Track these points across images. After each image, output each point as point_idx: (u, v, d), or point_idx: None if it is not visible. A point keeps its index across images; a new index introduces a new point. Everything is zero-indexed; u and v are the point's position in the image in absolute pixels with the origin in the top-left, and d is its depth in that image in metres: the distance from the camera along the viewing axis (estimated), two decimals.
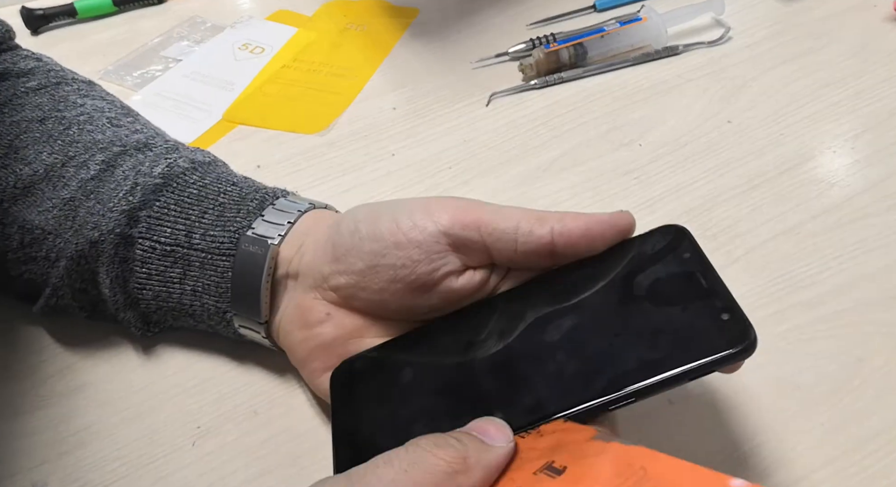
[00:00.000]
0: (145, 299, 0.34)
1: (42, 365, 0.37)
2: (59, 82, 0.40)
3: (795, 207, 0.41)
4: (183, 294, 0.34)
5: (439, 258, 0.29)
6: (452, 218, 0.29)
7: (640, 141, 0.46)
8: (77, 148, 0.36)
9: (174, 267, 0.33)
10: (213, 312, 0.33)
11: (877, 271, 0.37)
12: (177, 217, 0.33)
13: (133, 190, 0.34)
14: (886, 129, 0.45)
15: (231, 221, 0.33)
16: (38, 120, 0.37)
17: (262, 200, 0.34)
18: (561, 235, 0.28)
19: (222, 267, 0.32)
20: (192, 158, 0.36)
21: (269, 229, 0.33)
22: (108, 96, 0.41)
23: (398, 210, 0.30)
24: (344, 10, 0.61)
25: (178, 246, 0.33)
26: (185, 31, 0.60)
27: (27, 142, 0.36)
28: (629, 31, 0.52)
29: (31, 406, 0.35)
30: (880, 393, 0.32)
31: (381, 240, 0.29)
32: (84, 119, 0.37)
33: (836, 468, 0.30)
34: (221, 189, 0.34)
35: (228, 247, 0.32)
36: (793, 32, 0.53)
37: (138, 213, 0.33)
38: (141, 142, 0.36)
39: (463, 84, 0.52)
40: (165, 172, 0.34)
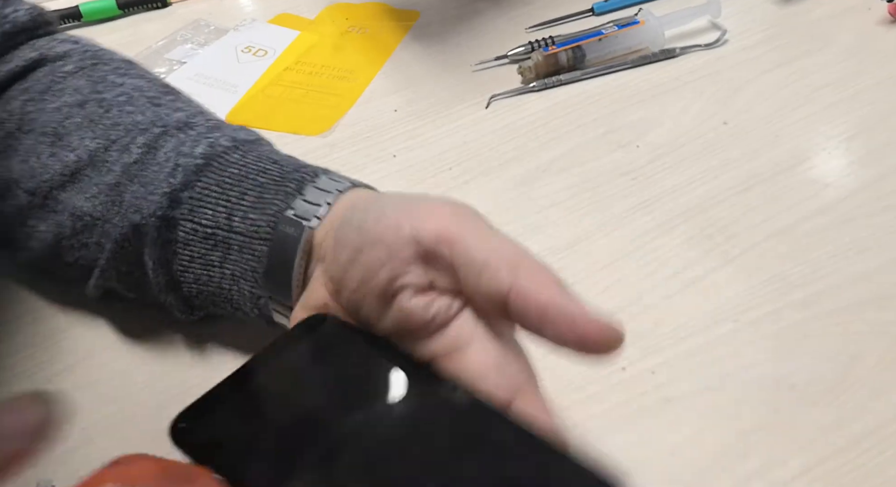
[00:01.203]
0: (187, 282, 0.34)
1: (47, 362, 0.38)
2: (96, 63, 0.39)
3: (790, 208, 0.41)
4: (223, 278, 0.33)
5: (402, 265, 0.26)
6: (431, 226, 0.26)
7: (637, 142, 0.46)
8: (118, 131, 0.35)
9: (215, 250, 0.32)
10: (248, 297, 0.33)
11: (870, 271, 0.38)
12: (217, 198, 0.32)
13: (174, 171, 0.33)
14: (880, 131, 0.45)
15: (270, 203, 0.32)
16: (79, 104, 0.36)
17: (302, 180, 0.32)
18: (518, 294, 0.24)
19: (259, 251, 0.31)
20: (234, 136, 0.35)
21: (308, 210, 0.31)
22: (147, 74, 0.40)
23: (387, 204, 0.28)
24: (346, 13, 0.62)
25: (219, 229, 0.32)
26: (189, 34, 0.60)
27: (70, 128, 0.36)
28: (627, 35, 0.52)
29: None
30: (874, 392, 0.33)
31: (364, 233, 0.27)
32: (123, 100, 0.37)
33: (830, 466, 0.31)
34: (262, 167, 0.33)
35: (266, 231, 0.31)
36: (788, 35, 0.53)
37: (180, 195, 0.33)
38: (182, 121, 0.36)
39: (463, 86, 0.52)
40: (207, 152, 0.33)
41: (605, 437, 0.32)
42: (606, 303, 0.38)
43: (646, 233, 0.41)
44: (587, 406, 0.33)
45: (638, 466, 0.31)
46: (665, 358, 0.35)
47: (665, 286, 0.38)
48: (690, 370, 0.34)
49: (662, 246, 0.40)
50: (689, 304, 0.37)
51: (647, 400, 0.33)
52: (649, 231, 0.41)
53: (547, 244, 0.41)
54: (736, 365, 0.34)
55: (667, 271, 0.39)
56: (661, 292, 0.38)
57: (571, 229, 0.42)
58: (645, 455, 0.32)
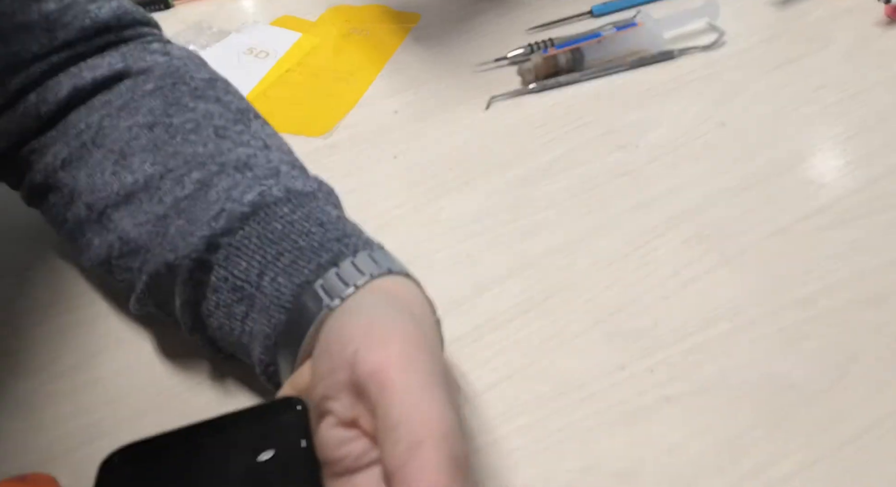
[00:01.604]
0: (212, 327, 0.33)
1: (51, 362, 0.38)
2: (176, 82, 0.38)
3: (788, 208, 0.41)
4: (243, 333, 0.32)
5: (334, 387, 0.25)
6: (372, 358, 0.24)
7: (636, 143, 0.47)
8: (177, 160, 0.35)
9: (240, 303, 0.32)
10: (258, 362, 0.32)
11: (867, 271, 0.38)
12: (254, 252, 0.31)
13: (219, 216, 0.32)
14: (878, 132, 0.46)
15: (300, 271, 0.30)
16: (148, 126, 0.36)
17: (340, 253, 0.30)
18: (400, 480, 0.22)
19: (276, 318, 0.30)
20: (288, 187, 0.33)
21: (335, 287, 0.29)
22: (225, 97, 0.39)
23: (364, 314, 0.26)
24: (347, 15, 0.62)
25: (248, 284, 0.31)
26: (191, 35, 0.61)
27: (135, 149, 0.36)
28: (625, 36, 0.53)
29: (41, 404, 0.36)
30: (871, 391, 0.33)
31: (330, 336, 0.26)
32: (190, 127, 0.36)
33: (828, 464, 0.31)
34: (306, 229, 0.32)
35: (288, 300, 0.30)
36: (786, 37, 0.53)
37: (220, 240, 0.32)
38: (242, 160, 0.35)
39: (463, 88, 0.53)
40: (255, 201, 0.32)
41: (603, 436, 0.32)
42: (606, 303, 0.38)
43: (645, 234, 0.41)
44: (586, 405, 0.33)
45: (636, 465, 0.32)
46: (664, 358, 0.35)
47: (664, 286, 0.38)
48: (689, 369, 0.34)
49: (661, 246, 0.40)
50: (688, 304, 0.37)
51: (645, 399, 0.34)
52: (648, 231, 0.41)
53: (547, 244, 0.41)
54: (734, 365, 0.34)
55: (665, 271, 0.39)
56: (659, 292, 0.38)
57: (571, 229, 0.42)
58: (643, 453, 0.32)
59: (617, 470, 0.31)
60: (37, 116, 0.38)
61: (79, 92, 0.38)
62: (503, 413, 0.34)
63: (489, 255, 0.41)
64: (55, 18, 0.38)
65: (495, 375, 0.35)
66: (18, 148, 0.39)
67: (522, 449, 0.32)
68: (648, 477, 0.31)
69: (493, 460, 0.32)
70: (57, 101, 0.38)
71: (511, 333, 0.37)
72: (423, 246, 0.42)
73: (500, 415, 0.34)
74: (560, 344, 0.36)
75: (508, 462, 0.32)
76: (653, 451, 0.32)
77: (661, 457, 0.31)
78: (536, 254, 0.41)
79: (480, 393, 0.34)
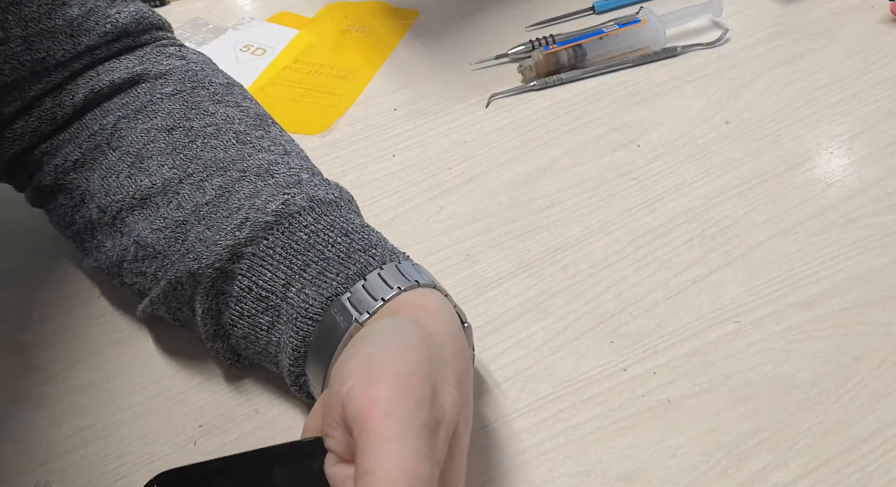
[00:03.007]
0: (235, 336, 0.33)
1: (45, 364, 0.37)
2: (196, 86, 0.38)
3: (793, 208, 0.41)
4: (269, 343, 0.32)
5: (330, 423, 0.25)
6: (361, 396, 0.24)
7: (638, 142, 0.46)
8: (197, 165, 0.35)
9: (265, 313, 0.32)
10: (287, 374, 0.32)
11: (873, 271, 0.37)
12: (279, 263, 0.31)
13: (242, 225, 0.32)
14: (883, 130, 0.45)
15: (329, 283, 0.30)
16: (167, 129, 0.36)
17: (367, 264, 0.31)
18: None
19: (305, 330, 0.30)
20: (312, 195, 0.33)
21: (363, 300, 0.29)
22: (243, 102, 0.39)
23: (369, 345, 0.26)
24: (345, 11, 0.61)
25: (273, 294, 0.31)
26: (187, 32, 0.60)
27: (153, 152, 0.35)
28: (628, 33, 0.52)
29: (34, 405, 0.36)
30: (877, 393, 0.33)
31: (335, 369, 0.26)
32: (210, 132, 0.36)
33: (833, 467, 0.30)
34: (332, 239, 0.32)
35: (317, 311, 0.30)
36: (790, 34, 0.53)
37: (243, 250, 0.32)
38: (263, 166, 0.34)
39: (463, 85, 0.52)
40: (280, 210, 0.32)
41: (606, 438, 0.32)
42: (608, 304, 0.37)
43: (647, 233, 0.41)
44: (589, 408, 0.33)
45: (640, 468, 0.31)
46: (667, 359, 0.35)
47: (666, 286, 0.38)
48: (692, 371, 0.34)
49: (664, 246, 0.40)
50: (691, 305, 0.37)
51: (648, 401, 0.33)
52: (650, 231, 0.41)
53: (547, 244, 0.41)
54: (738, 366, 0.34)
55: (668, 271, 0.38)
56: (662, 293, 0.38)
57: (572, 229, 0.41)
58: (646, 456, 0.31)
59: (620, 473, 0.31)
60: (52, 120, 0.37)
61: (95, 95, 0.37)
62: (504, 415, 0.33)
63: (489, 255, 0.40)
64: (79, 24, 0.37)
65: (496, 377, 0.35)
66: (31, 151, 0.38)
67: (524, 453, 0.32)
68: (652, 480, 0.31)
69: (495, 463, 0.32)
70: (73, 104, 0.37)
71: (512, 334, 0.36)
72: (423, 246, 0.41)
73: (502, 418, 0.33)
74: (561, 345, 0.36)
75: (510, 465, 0.31)
76: (656, 454, 0.31)
77: (664, 460, 0.31)
78: (537, 254, 0.40)
79: (481, 395, 0.34)
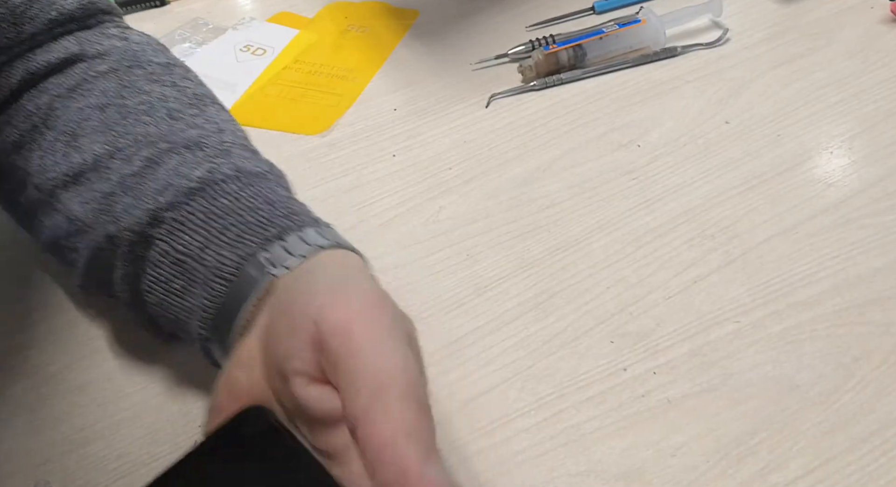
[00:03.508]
0: (150, 303, 0.33)
1: (44, 364, 0.37)
2: (132, 66, 0.38)
3: (793, 208, 0.41)
4: (181, 308, 0.32)
5: (296, 349, 0.25)
6: (336, 314, 0.24)
7: (638, 142, 0.46)
8: (127, 139, 0.34)
9: (180, 277, 0.31)
10: (196, 337, 0.32)
11: (873, 271, 0.37)
12: (199, 226, 0.31)
13: (164, 190, 0.32)
14: (884, 130, 0.45)
15: (246, 243, 0.30)
16: (100, 107, 0.36)
17: (287, 227, 0.30)
18: (362, 428, 0.23)
19: (217, 290, 0.30)
20: (238, 166, 0.33)
21: (281, 257, 0.29)
22: (182, 82, 0.38)
23: (323, 278, 0.26)
24: (345, 11, 0.61)
25: (190, 258, 0.31)
26: (187, 32, 0.60)
27: (87, 130, 0.35)
28: (628, 33, 0.52)
29: (34, 406, 0.36)
30: (877, 393, 0.33)
31: (285, 300, 0.26)
32: (143, 109, 0.35)
33: (832, 467, 0.30)
34: (254, 205, 0.31)
35: (231, 271, 0.30)
36: (790, 34, 0.53)
37: (164, 214, 0.32)
38: (193, 139, 0.34)
39: (463, 85, 0.52)
40: (204, 177, 0.32)
41: (606, 438, 0.32)
42: (607, 304, 0.37)
43: (647, 233, 0.41)
44: (589, 408, 0.33)
45: (639, 468, 0.31)
46: (667, 359, 0.35)
47: (666, 286, 0.38)
48: (692, 371, 0.34)
49: (664, 246, 0.40)
50: (691, 305, 0.37)
51: (648, 401, 0.33)
52: (650, 231, 0.41)
53: (547, 244, 0.41)
54: (738, 367, 0.34)
55: (668, 271, 0.38)
56: (662, 293, 0.37)
57: (572, 229, 0.41)
58: (646, 456, 0.31)
59: (620, 473, 0.31)
60: None
61: (31, 76, 0.37)
62: (504, 415, 0.33)
63: (489, 255, 0.40)
64: (21, 11, 0.37)
65: (496, 377, 0.35)
66: None
67: (524, 453, 0.32)
68: (652, 480, 0.31)
69: (495, 463, 0.32)
70: (10, 86, 0.37)
71: (512, 334, 0.36)
72: (423, 246, 0.41)
73: (502, 418, 0.33)
74: (561, 345, 0.36)
75: (510, 465, 0.31)
76: (656, 454, 0.31)
77: (664, 460, 0.31)
78: (537, 254, 0.40)
79: (481, 395, 0.34)
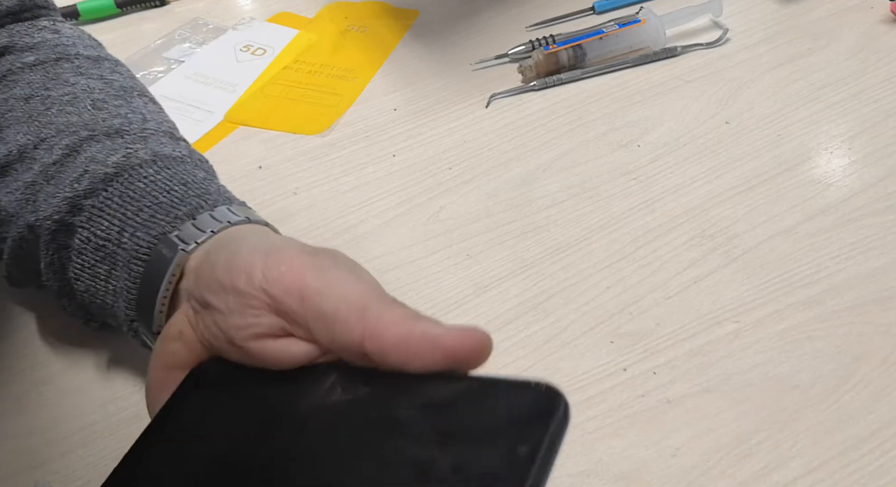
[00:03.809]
0: (79, 291, 0.33)
1: (44, 364, 0.37)
2: (60, 58, 0.38)
3: (793, 208, 0.41)
4: (107, 292, 0.32)
5: (253, 314, 0.25)
6: (280, 277, 0.24)
7: (638, 142, 0.46)
8: (50, 129, 0.35)
9: (103, 262, 0.32)
10: (123, 319, 0.32)
11: (873, 271, 0.37)
12: (115, 211, 0.31)
13: (81, 177, 0.32)
14: (884, 130, 0.45)
15: (158, 223, 0.31)
16: (24, 98, 0.36)
17: (199, 206, 0.31)
18: (371, 339, 0.23)
19: (135, 271, 0.30)
20: (156, 151, 0.33)
21: (192, 235, 0.30)
22: (110, 75, 0.38)
23: (243, 248, 0.26)
24: (345, 11, 0.61)
25: (109, 242, 0.31)
26: (187, 32, 0.60)
27: (10, 121, 0.35)
28: (628, 33, 0.52)
29: (34, 406, 0.36)
30: (877, 393, 0.33)
31: (214, 275, 0.26)
32: (67, 100, 0.36)
33: (833, 467, 0.30)
34: (168, 187, 0.32)
35: (146, 251, 0.30)
36: (790, 34, 0.53)
37: (82, 202, 0.32)
38: (114, 127, 0.34)
39: (463, 85, 0.52)
40: (120, 162, 0.32)
41: (606, 438, 0.32)
42: (607, 304, 0.37)
43: (647, 233, 0.41)
44: (588, 408, 0.33)
45: (639, 468, 0.31)
46: (667, 359, 0.35)
47: (666, 286, 0.38)
48: (692, 371, 0.34)
49: (664, 246, 0.40)
50: (691, 305, 0.37)
51: (648, 401, 0.33)
52: (650, 231, 0.41)
53: (547, 244, 0.41)
54: (738, 366, 0.34)
55: (668, 271, 0.38)
56: (662, 292, 0.37)
57: (572, 229, 0.41)
58: (646, 456, 0.31)
59: (620, 473, 0.31)
60: None
61: None
62: None
63: (489, 255, 0.40)
64: None
65: None
66: None
67: None
68: (652, 480, 0.31)
69: None
70: None
71: (512, 334, 0.36)
72: (423, 246, 0.41)
73: None
74: (561, 345, 0.36)
75: None
76: (656, 454, 0.31)
77: (664, 460, 0.31)
78: (537, 254, 0.40)
79: None
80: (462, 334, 0.22)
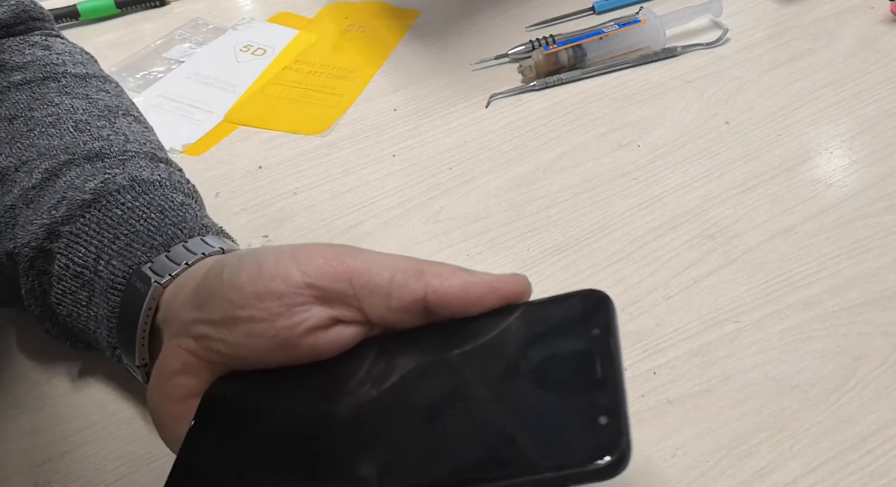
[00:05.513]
0: (61, 315, 0.33)
1: (44, 364, 0.37)
2: (47, 77, 0.38)
3: (793, 208, 0.41)
4: (88, 318, 0.32)
5: (302, 311, 0.26)
6: (320, 268, 0.26)
7: (638, 142, 0.46)
8: (31, 152, 0.35)
9: (83, 289, 0.32)
10: (106, 346, 0.32)
11: (874, 271, 0.37)
12: (92, 238, 0.32)
13: (59, 203, 0.32)
14: (884, 130, 0.45)
15: (133, 253, 0.31)
16: (9, 119, 0.36)
17: (174, 236, 0.31)
18: (435, 293, 0.25)
19: (113, 301, 0.31)
20: (134, 176, 0.34)
21: (165, 267, 0.30)
22: (96, 94, 0.39)
23: (265, 256, 0.27)
24: (345, 11, 0.61)
25: (87, 270, 0.32)
26: (187, 32, 0.60)
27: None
28: (628, 33, 0.52)
29: (34, 406, 0.36)
30: (877, 393, 0.33)
31: (240, 290, 0.26)
32: (50, 121, 0.36)
33: (833, 467, 0.30)
34: (145, 214, 0.32)
35: (121, 281, 0.31)
36: (790, 34, 0.53)
37: (60, 228, 0.32)
38: (94, 151, 0.35)
39: (463, 85, 0.52)
40: (98, 188, 0.33)
41: None
42: None
43: (647, 233, 0.41)
44: None
45: (639, 468, 0.31)
46: (667, 359, 0.35)
47: (666, 286, 0.38)
48: (692, 371, 0.34)
49: (664, 246, 0.40)
50: (691, 305, 0.37)
51: (648, 401, 0.33)
52: (650, 231, 0.41)
53: (547, 244, 0.41)
54: (738, 366, 0.34)
55: (668, 271, 0.38)
56: (662, 292, 0.37)
57: (572, 229, 0.41)
58: (647, 456, 0.31)
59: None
60: None
61: None
62: None
63: (489, 255, 0.40)
64: None
65: None
66: None
67: None
68: (652, 480, 0.30)
69: None
70: None
71: None
72: (423, 246, 0.41)
73: None
74: None
75: None
76: (656, 454, 0.31)
77: (664, 460, 0.31)
78: (537, 254, 0.40)
79: None
80: (511, 279, 0.25)
